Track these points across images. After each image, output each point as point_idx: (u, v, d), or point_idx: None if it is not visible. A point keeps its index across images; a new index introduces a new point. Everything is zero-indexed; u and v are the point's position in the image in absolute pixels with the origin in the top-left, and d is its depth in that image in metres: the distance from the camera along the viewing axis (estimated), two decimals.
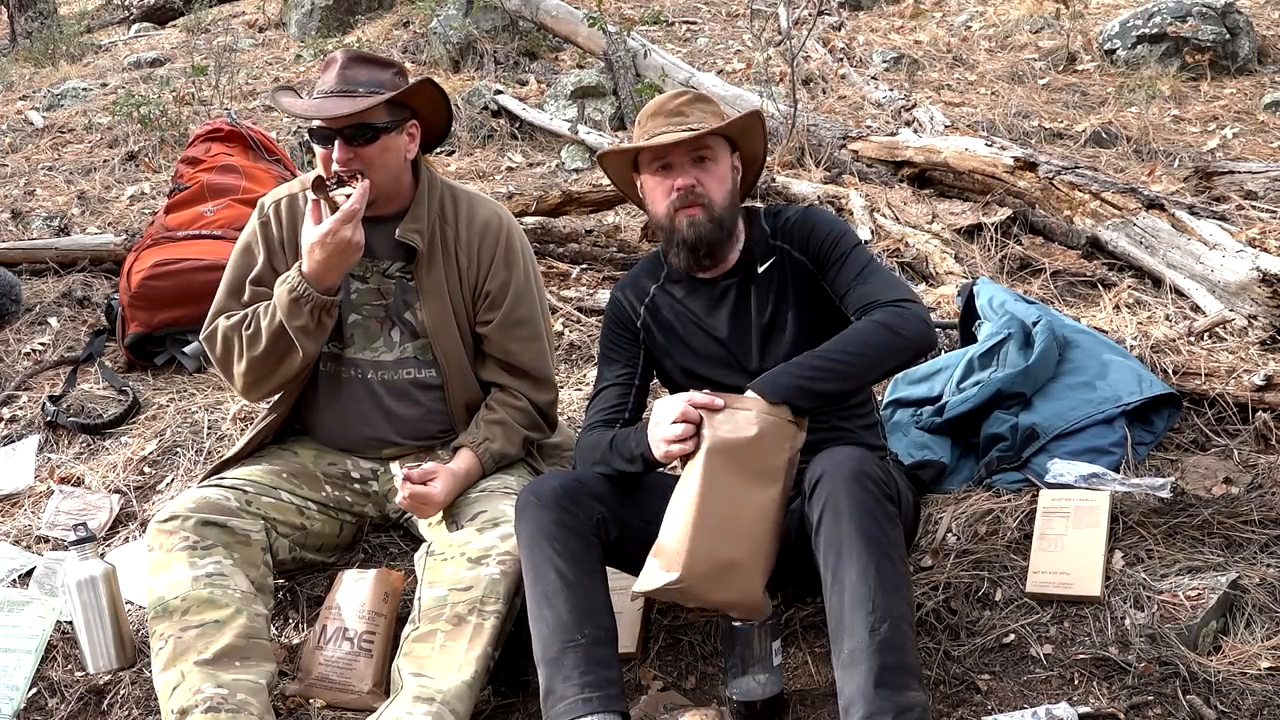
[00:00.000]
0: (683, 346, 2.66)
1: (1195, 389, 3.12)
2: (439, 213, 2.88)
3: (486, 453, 2.80)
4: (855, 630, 2.18)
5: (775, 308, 2.60)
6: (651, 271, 2.74)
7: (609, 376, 2.71)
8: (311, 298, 2.71)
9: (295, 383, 2.90)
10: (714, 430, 2.33)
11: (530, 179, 5.95)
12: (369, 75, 2.76)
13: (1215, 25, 6.81)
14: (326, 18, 9.00)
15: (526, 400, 2.88)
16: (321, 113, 2.72)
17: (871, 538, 2.23)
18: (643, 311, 2.70)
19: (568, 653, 2.30)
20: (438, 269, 2.86)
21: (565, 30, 7.52)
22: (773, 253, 2.64)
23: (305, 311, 2.72)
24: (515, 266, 2.90)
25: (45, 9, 10.94)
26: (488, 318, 2.88)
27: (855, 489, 2.26)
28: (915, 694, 2.16)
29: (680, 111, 2.57)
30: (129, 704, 2.71)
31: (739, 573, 2.31)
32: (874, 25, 8.24)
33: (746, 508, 2.31)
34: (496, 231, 2.89)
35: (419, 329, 2.88)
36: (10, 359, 4.24)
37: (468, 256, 2.87)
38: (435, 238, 2.86)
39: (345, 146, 2.71)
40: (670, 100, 2.60)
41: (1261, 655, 2.37)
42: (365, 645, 2.68)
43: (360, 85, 2.74)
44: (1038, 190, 4.71)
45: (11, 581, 3.15)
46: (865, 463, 2.31)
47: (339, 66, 2.76)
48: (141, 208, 5.80)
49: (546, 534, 2.39)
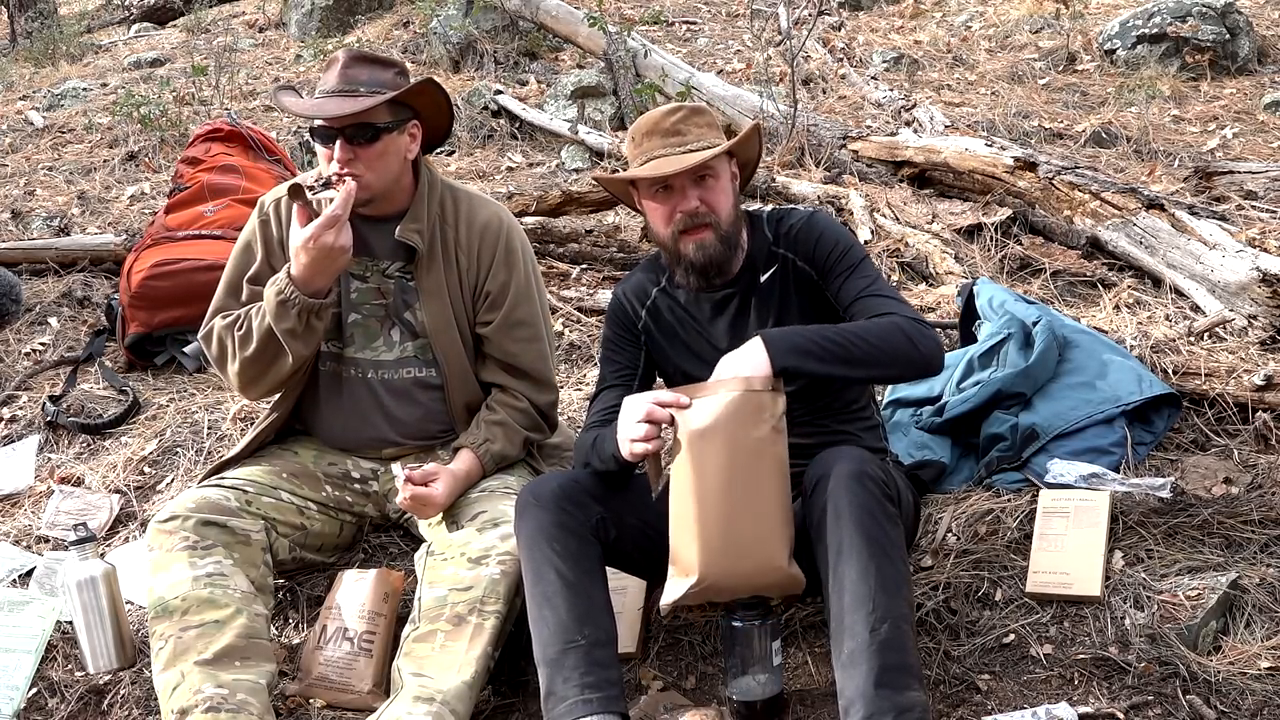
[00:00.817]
0: (684, 350, 2.65)
1: (1195, 389, 3.12)
2: (439, 213, 2.87)
3: (487, 454, 2.80)
4: (855, 630, 2.18)
5: (777, 319, 2.58)
6: (653, 273, 2.72)
7: (609, 377, 2.70)
8: (298, 301, 2.70)
9: (295, 382, 2.89)
10: (686, 424, 2.30)
11: (530, 179, 5.95)
12: (370, 75, 2.75)
13: (1215, 25, 6.81)
14: (326, 18, 9.00)
15: (527, 401, 2.88)
16: (323, 112, 2.72)
17: (872, 537, 2.23)
18: (644, 314, 2.69)
19: (568, 654, 2.30)
20: (438, 269, 2.86)
21: (565, 30, 7.52)
22: (775, 260, 2.60)
23: (292, 315, 2.71)
24: (516, 267, 2.90)
25: (45, 9, 10.95)
26: (488, 318, 2.88)
27: (855, 489, 2.26)
28: (915, 694, 2.16)
29: (677, 130, 2.51)
30: (129, 704, 2.71)
31: (756, 553, 2.28)
32: (874, 25, 8.24)
33: (742, 490, 2.28)
34: (497, 232, 2.89)
35: (419, 329, 2.88)
36: (10, 359, 4.24)
37: (468, 257, 2.87)
38: (435, 238, 2.86)
39: (346, 146, 2.71)
40: (665, 118, 2.52)
41: (1261, 655, 2.37)
42: (365, 645, 2.68)
43: (362, 85, 2.73)
44: (1038, 190, 4.71)
45: (11, 581, 3.15)
46: (865, 463, 2.30)
47: (341, 66, 2.76)
48: (141, 208, 5.80)
49: (546, 535, 2.39)
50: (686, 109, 2.55)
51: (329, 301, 2.75)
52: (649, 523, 2.50)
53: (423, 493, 2.66)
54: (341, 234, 2.66)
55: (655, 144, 2.51)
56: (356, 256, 2.87)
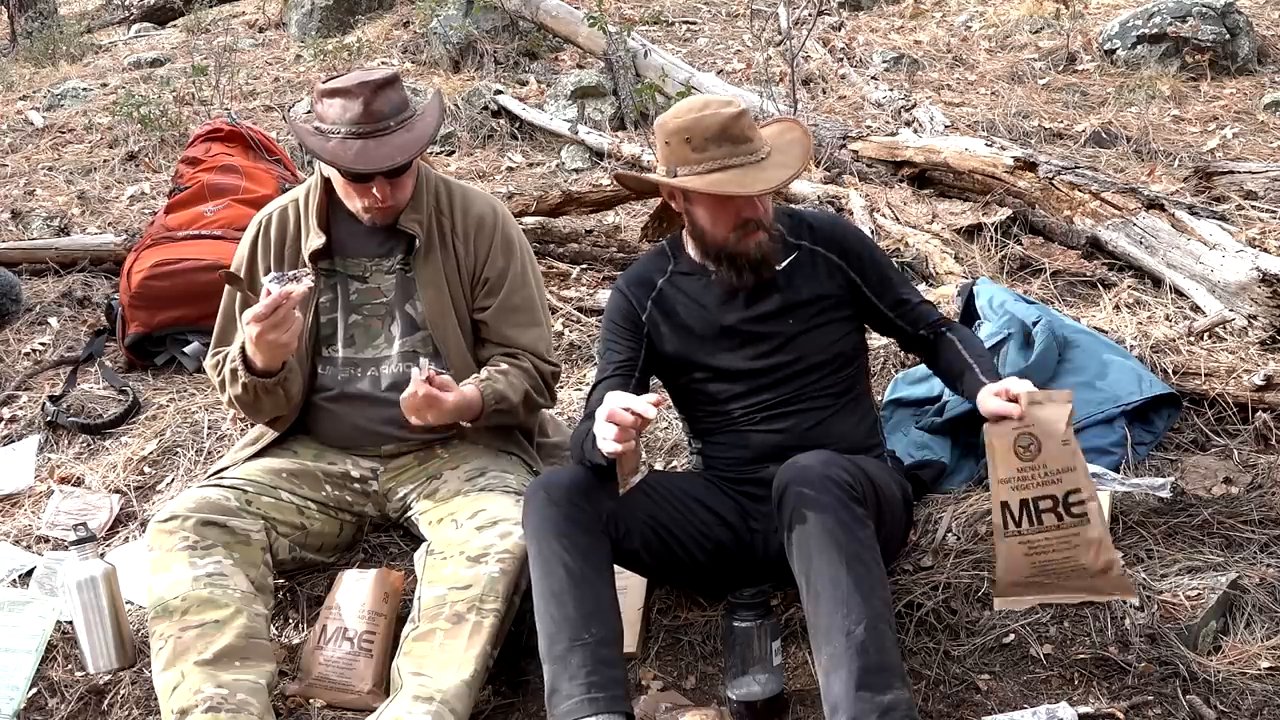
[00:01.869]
0: (688, 334, 2.65)
1: (1195, 389, 3.12)
2: (435, 204, 2.91)
3: (489, 388, 2.77)
4: (832, 635, 2.19)
5: (789, 303, 2.61)
6: (658, 265, 2.71)
7: (608, 369, 2.68)
8: (244, 375, 2.76)
9: (294, 406, 2.91)
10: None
11: (530, 179, 5.95)
12: (389, 103, 2.77)
13: (1215, 25, 6.81)
14: (326, 18, 8.99)
15: (531, 363, 2.88)
16: (374, 165, 2.73)
17: (838, 542, 2.24)
18: (649, 304, 2.68)
19: (574, 651, 2.30)
20: (435, 258, 2.88)
21: (565, 30, 7.52)
22: (791, 250, 2.63)
23: (239, 385, 2.78)
24: (513, 254, 2.92)
25: (45, 9, 10.94)
26: (485, 304, 2.90)
27: (820, 495, 2.27)
28: (898, 692, 2.16)
29: (747, 137, 2.47)
30: (129, 704, 2.71)
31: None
32: (874, 25, 8.23)
33: None
34: (493, 221, 2.92)
35: (419, 321, 2.89)
36: (10, 359, 4.25)
37: (465, 244, 2.90)
38: (433, 228, 2.89)
39: (384, 184, 2.77)
40: (733, 122, 2.45)
41: (1261, 655, 2.37)
42: (365, 645, 2.68)
43: (389, 118, 2.76)
44: (1038, 190, 4.71)
45: (11, 581, 3.15)
46: (829, 466, 2.31)
47: (362, 104, 2.73)
48: (141, 208, 5.80)
49: (556, 530, 2.38)
50: (738, 109, 2.49)
51: (277, 379, 2.77)
52: (658, 520, 2.50)
53: (434, 393, 2.62)
54: (284, 330, 2.63)
55: (725, 151, 2.46)
56: (355, 258, 2.88)
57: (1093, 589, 2.43)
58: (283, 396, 2.83)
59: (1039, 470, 2.43)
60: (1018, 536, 2.44)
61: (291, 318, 2.62)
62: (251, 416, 2.93)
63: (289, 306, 2.59)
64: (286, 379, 2.80)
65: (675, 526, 2.54)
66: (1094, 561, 2.41)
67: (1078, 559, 2.42)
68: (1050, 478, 2.43)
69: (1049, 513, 2.43)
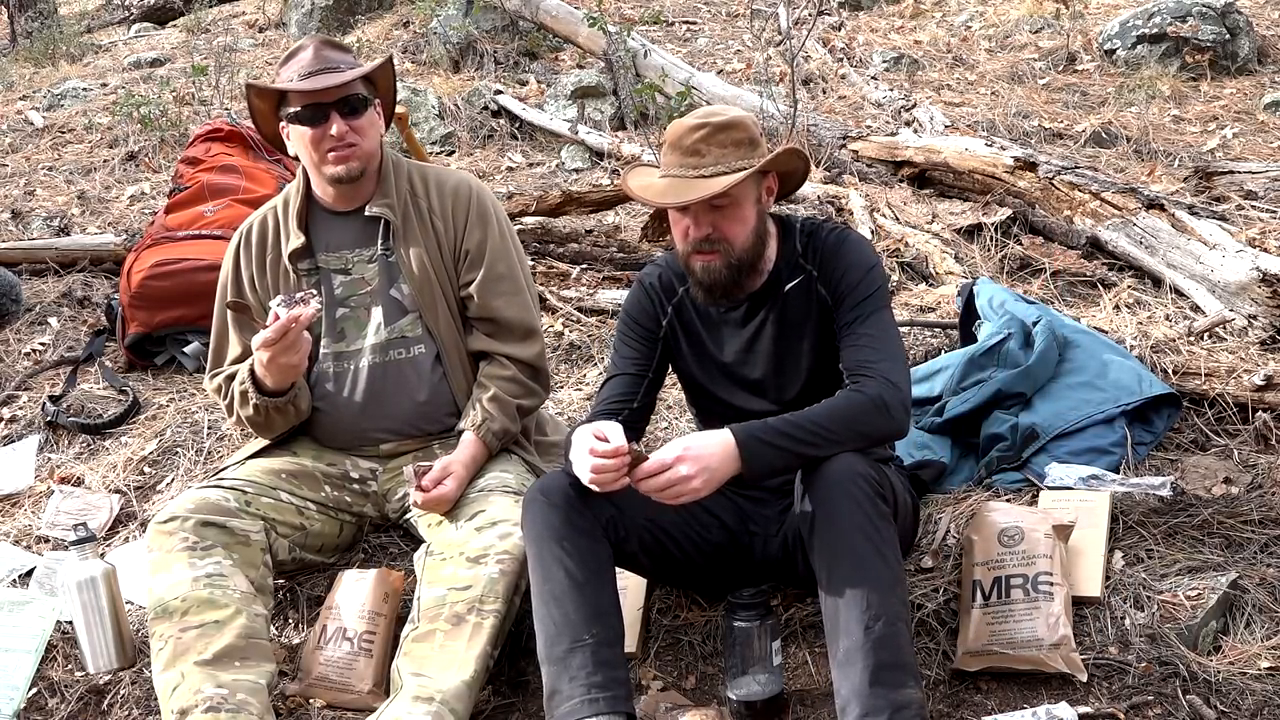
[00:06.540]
0: (695, 356, 2.62)
1: (1195, 389, 3.12)
2: (409, 188, 2.94)
3: (488, 433, 2.82)
4: (850, 629, 2.18)
5: (794, 330, 2.54)
6: (680, 272, 2.61)
7: (620, 364, 2.63)
8: (255, 397, 2.81)
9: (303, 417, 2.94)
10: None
11: (530, 179, 5.95)
12: (340, 55, 2.86)
13: (1215, 25, 6.81)
14: (326, 18, 8.98)
15: (514, 367, 2.89)
16: (319, 84, 2.78)
17: (865, 536, 2.23)
18: (670, 311, 2.62)
19: (575, 653, 2.29)
20: (415, 239, 2.90)
21: (565, 30, 7.52)
22: (800, 272, 2.54)
23: (251, 406, 2.82)
24: (490, 224, 2.94)
25: (45, 9, 10.93)
26: (469, 277, 2.91)
27: (848, 488, 2.26)
28: (911, 691, 2.16)
29: (696, 150, 2.39)
30: (129, 704, 2.72)
31: None
32: (874, 25, 8.22)
33: None
34: (468, 194, 2.96)
35: (407, 303, 2.90)
36: (10, 359, 4.24)
37: (443, 220, 2.93)
38: (409, 210, 2.92)
39: (341, 119, 2.78)
40: (689, 134, 2.40)
41: (1261, 655, 2.37)
42: (365, 645, 2.68)
43: (340, 63, 2.83)
44: (1038, 190, 4.71)
45: (11, 581, 3.15)
46: (857, 462, 2.30)
47: (313, 49, 2.83)
48: (141, 208, 5.79)
49: (555, 533, 2.37)
50: (712, 125, 2.41)
51: (288, 398, 2.83)
52: (656, 523, 2.50)
53: (436, 495, 2.69)
54: (294, 353, 2.69)
55: (674, 161, 2.42)
56: (335, 252, 2.91)
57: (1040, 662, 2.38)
58: (293, 413, 2.88)
59: (1018, 556, 2.49)
60: (984, 608, 2.47)
61: (301, 340, 2.68)
62: (262, 434, 2.94)
63: (298, 330, 2.65)
64: (296, 395, 2.84)
65: (674, 529, 2.53)
66: (1049, 635, 2.40)
67: (1035, 630, 2.41)
68: (1026, 561, 2.48)
69: (1018, 589, 2.46)
